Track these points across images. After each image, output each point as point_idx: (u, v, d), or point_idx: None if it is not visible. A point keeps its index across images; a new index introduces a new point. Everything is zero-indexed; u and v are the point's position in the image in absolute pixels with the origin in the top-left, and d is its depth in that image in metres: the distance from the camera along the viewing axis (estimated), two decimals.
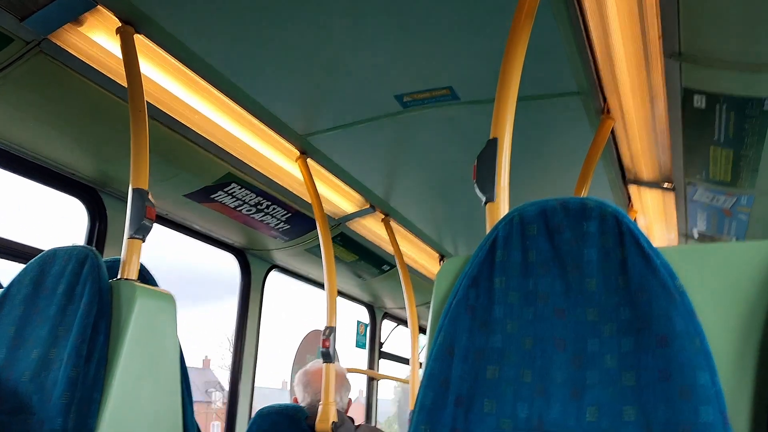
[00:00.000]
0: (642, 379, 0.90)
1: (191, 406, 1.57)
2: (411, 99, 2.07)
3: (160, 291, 1.51)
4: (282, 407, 2.25)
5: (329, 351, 2.31)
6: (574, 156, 2.24)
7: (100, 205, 2.41)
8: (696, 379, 0.86)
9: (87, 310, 1.37)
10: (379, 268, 3.80)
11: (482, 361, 1.02)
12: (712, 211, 2.59)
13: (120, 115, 1.90)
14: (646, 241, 0.97)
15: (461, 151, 2.41)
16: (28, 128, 1.96)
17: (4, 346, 1.43)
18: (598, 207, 1.03)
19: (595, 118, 2.05)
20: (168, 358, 1.48)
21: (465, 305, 1.07)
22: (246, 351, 3.24)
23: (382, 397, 4.85)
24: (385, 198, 2.94)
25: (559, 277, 1.02)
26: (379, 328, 4.77)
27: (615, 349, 0.94)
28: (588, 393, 0.93)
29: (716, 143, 2.03)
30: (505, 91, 1.29)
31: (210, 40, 1.77)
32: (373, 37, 1.76)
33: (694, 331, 0.90)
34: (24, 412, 1.33)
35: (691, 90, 1.79)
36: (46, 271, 1.50)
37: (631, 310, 0.95)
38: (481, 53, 1.80)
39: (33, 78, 1.75)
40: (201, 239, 3.00)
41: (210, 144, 2.28)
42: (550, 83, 1.89)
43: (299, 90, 2.05)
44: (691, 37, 1.58)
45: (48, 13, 1.59)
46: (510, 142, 1.26)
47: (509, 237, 1.08)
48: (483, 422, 0.98)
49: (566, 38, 1.67)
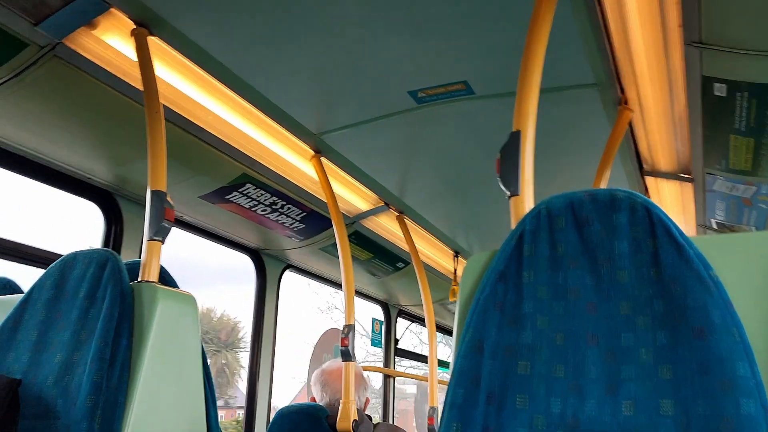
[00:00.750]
0: (679, 373, 0.89)
1: (215, 409, 1.57)
2: (425, 95, 2.05)
3: (181, 293, 1.50)
4: (302, 407, 2.24)
5: (348, 349, 2.30)
6: (592, 148, 2.22)
7: (116, 208, 2.41)
8: (736, 371, 0.84)
9: (109, 314, 1.36)
10: (393, 266, 3.79)
11: (513, 357, 1.01)
12: (732, 201, 2.56)
13: (135, 117, 1.90)
14: (679, 232, 0.96)
15: (477, 147, 2.40)
16: (43, 132, 1.96)
17: (27, 350, 1.43)
18: (627, 198, 1.01)
19: (613, 110, 2.03)
20: (191, 361, 1.48)
21: (493, 301, 1.05)
22: (263, 351, 3.24)
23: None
24: (400, 195, 2.93)
25: (589, 271, 1.01)
26: (395, 326, 4.76)
27: (650, 343, 0.92)
28: (623, 387, 0.92)
29: (736, 132, 2.00)
30: (526, 83, 1.27)
31: (223, 40, 1.77)
32: (387, 33, 1.75)
33: (731, 322, 0.88)
34: (49, 416, 1.32)
35: (711, 78, 1.77)
36: (67, 275, 1.49)
37: (665, 302, 0.93)
38: (496, 46, 1.78)
39: (48, 82, 1.75)
40: (216, 240, 3.00)
41: (225, 145, 2.27)
42: (567, 75, 1.87)
43: (313, 89, 2.04)
44: (712, 24, 1.55)
45: (62, 17, 1.59)
46: (533, 135, 1.25)
47: (537, 231, 1.06)
48: (515, 418, 0.97)
49: (583, 29, 1.65)
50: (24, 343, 1.45)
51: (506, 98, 2.00)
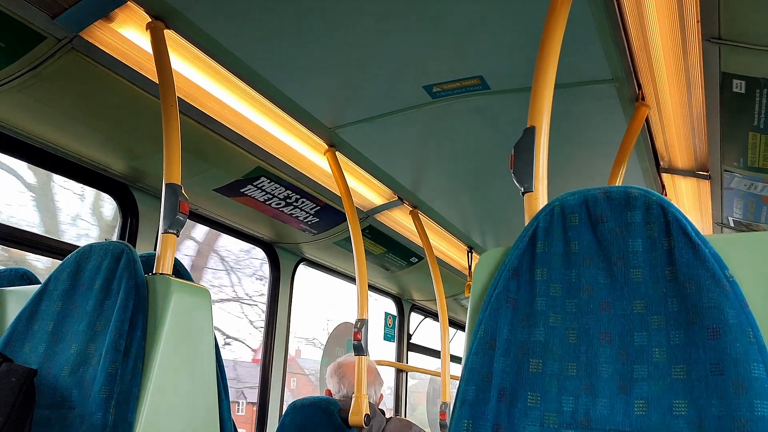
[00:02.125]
0: (693, 373, 0.88)
1: (228, 400, 1.58)
2: (440, 89, 2.04)
3: (195, 285, 1.51)
4: (315, 400, 2.25)
5: (361, 344, 2.30)
6: (608, 144, 2.20)
7: (132, 200, 2.43)
8: (750, 372, 0.83)
9: (124, 305, 1.37)
10: (407, 260, 3.79)
11: (525, 354, 1.01)
12: (750, 199, 2.53)
13: (151, 110, 1.91)
14: (694, 230, 0.95)
15: (491, 142, 2.38)
16: (60, 125, 1.98)
17: (44, 341, 1.45)
18: (642, 196, 1.00)
19: (630, 106, 2.01)
20: (204, 353, 1.49)
21: (506, 298, 1.05)
22: (276, 344, 3.26)
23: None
24: (413, 190, 2.92)
25: (603, 269, 1.00)
26: (408, 321, 4.76)
27: (664, 342, 0.92)
28: (636, 387, 0.91)
29: (755, 129, 1.97)
30: (541, 79, 1.26)
31: (239, 34, 1.77)
32: (402, 28, 1.74)
33: (746, 322, 0.87)
34: (64, 406, 1.34)
35: (730, 74, 1.74)
36: (83, 266, 1.51)
37: (679, 301, 0.92)
38: (512, 41, 1.77)
39: (65, 75, 1.76)
40: (230, 233, 3.02)
41: (240, 138, 2.28)
42: (584, 71, 1.85)
43: (328, 83, 2.04)
44: (731, 20, 1.53)
45: (79, 10, 1.60)
46: (548, 131, 1.24)
47: (550, 227, 1.06)
48: (527, 416, 0.97)
49: (600, 24, 1.64)
50: (40, 333, 1.46)
51: (522, 93, 1.99)
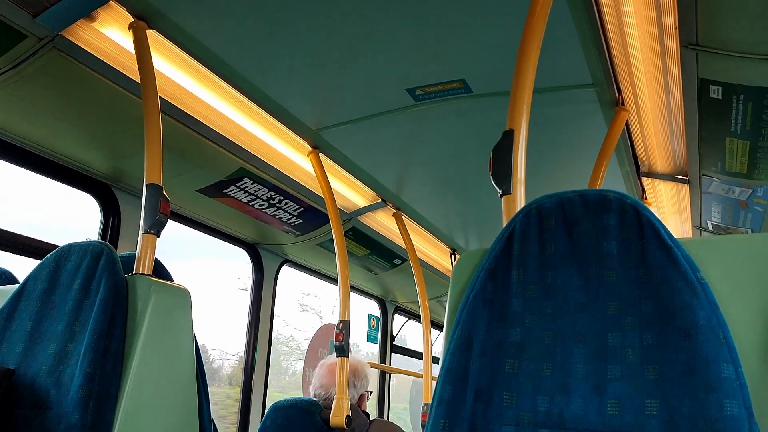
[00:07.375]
0: (665, 373, 0.89)
1: (207, 401, 1.57)
2: (423, 92, 2.05)
3: (175, 286, 1.51)
4: (296, 401, 2.25)
5: (343, 345, 2.30)
6: (588, 148, 2.23)
7: (114, 200, 2.41)
8: (720, 372, 0.85)
9: (103, 306, 1.37)
10: (390, 262, 3.80)
11: (501, 355, 1.02)
12: (728, 203, 2.57)
13: (133, 110, 1.90)
14: (667, 233, 0.96)
15: (474, 145, 2.40)
16: (41, 124, 1.97)
17: (22, 341, 1.44)
18: (617, 199, 1.02)
19: (610, 110, 2.04)
20: (184, 353, 1.48)
21: (483, 299, 1.06)
22: (259, 346, 3.25)
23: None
24: (397, 192, 2.93)
25: (578, 271, 1.01)
26: (391, 322, 4.77)
27: (637, 343, 0.93)
28: (610, 387, 0.93)
29: (733, 134, 2.00)
30: (521, 82, 1.28)
31: (222, 35, 1.77)
32: (385, 31, 1.75)
33: (717, 323, 0.89)
34: (42, 406, 1.33)
35: (707, 80, 1.77)
36: (62, 266, 1.50)
37: (653, 303, 0.94)
38: (494, 45, 1.78)
39: (46, 74, 1.75)
40: (213, 234, 3.01)
41: (222, 139, 2.28)
42: (565, 75, 1.88)
43: (311, 85, 2.04)
44: (708, 27, 1.56)
45: (61, 9, 1.59)
46: (526, 134, 1.25)
47: (527, 230, 1.07)
48: (502, 416, 0.98)
49: (581, 29, 1.66)
50: (18, 333, 1.45)
51: (504, 97, 1.99)
